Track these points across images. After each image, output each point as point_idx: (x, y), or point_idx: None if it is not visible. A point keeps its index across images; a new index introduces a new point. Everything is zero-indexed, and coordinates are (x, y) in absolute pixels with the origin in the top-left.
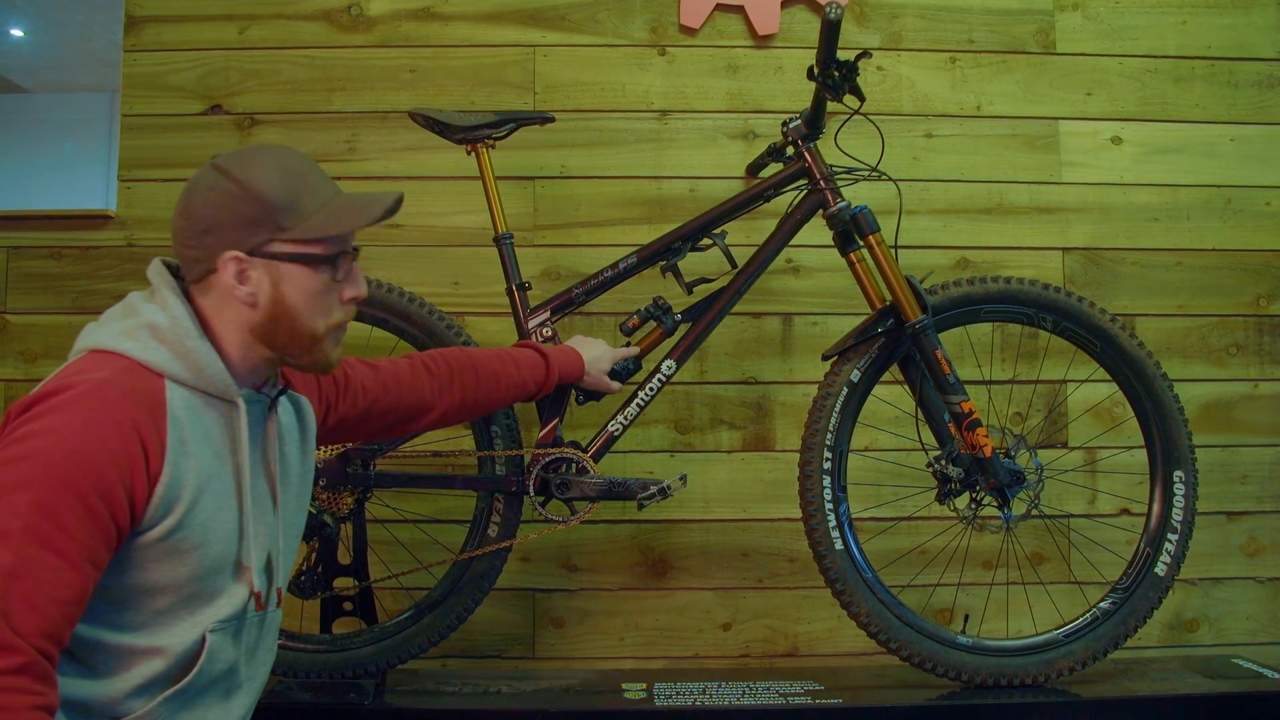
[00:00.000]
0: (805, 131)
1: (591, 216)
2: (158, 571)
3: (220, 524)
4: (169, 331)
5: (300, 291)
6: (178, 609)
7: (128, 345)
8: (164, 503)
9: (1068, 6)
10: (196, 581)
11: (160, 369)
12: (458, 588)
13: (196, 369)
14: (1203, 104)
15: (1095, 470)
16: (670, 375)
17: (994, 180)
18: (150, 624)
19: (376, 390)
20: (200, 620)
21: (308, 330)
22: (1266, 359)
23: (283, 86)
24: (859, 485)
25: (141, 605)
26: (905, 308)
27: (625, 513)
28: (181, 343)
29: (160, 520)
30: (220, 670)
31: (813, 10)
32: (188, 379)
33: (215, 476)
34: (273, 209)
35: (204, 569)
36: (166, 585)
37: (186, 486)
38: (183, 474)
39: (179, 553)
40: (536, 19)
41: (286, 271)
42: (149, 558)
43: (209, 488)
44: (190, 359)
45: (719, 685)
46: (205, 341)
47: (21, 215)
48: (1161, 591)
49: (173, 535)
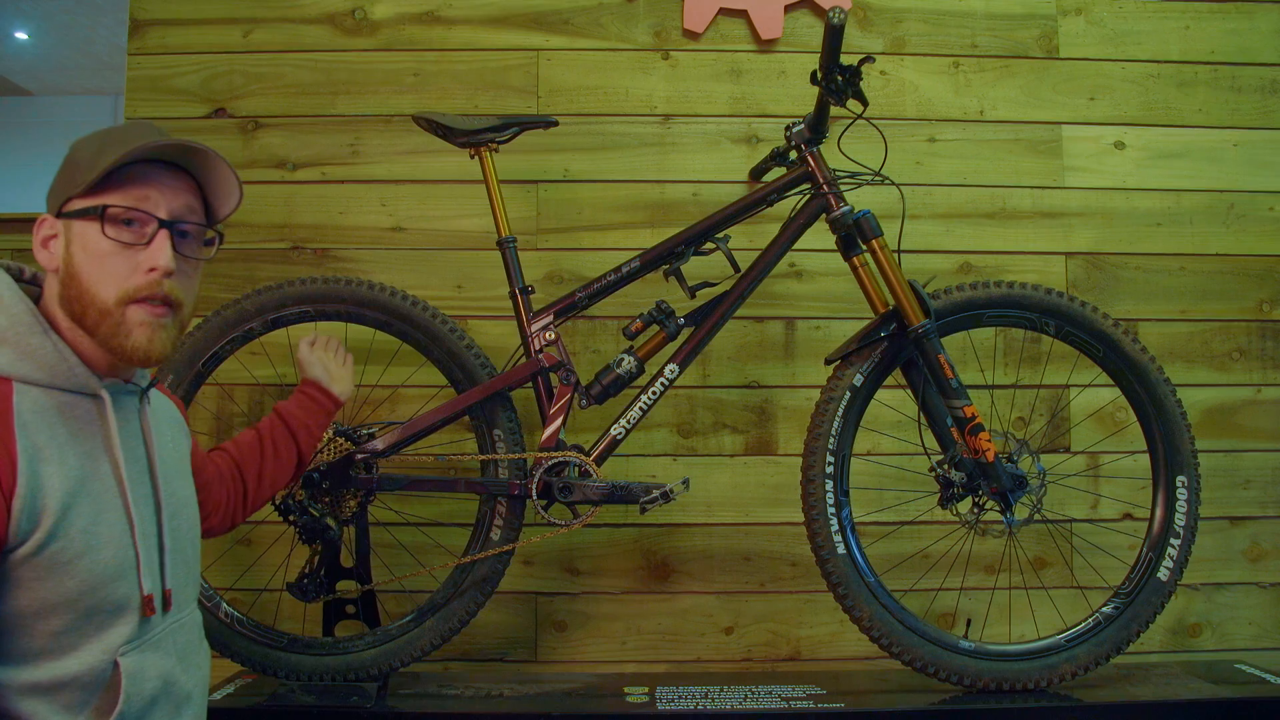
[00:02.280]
0: (808, 136)
1: (595, 220)
2: (42, 590)
3: (106, 527)
4: (9, 331)
5: (85, 252)
6: (80, 626)
7: None
8: (27, 516)
9: (1071, 11)
10: (91, 594)
11: (4, 372)
12: (460, 591)
13: (46, 366)
14: (1206, 109)
15: (1098, 475)
16: (673, 379)
17: (997, 185)
18: (49, 650)
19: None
20: (107, 642)
21: (97, 299)
22: (1269, 364)
23: (286, 90)
24: (861, 490)
25: (32, 629)
26: (908, 312)
27: (628, 516)
28: (24, 340)
29: (29, 535)
30: (154, 689)
31: (816, 15)
32: (39, 378)
33: (89, 478)
34: (76, 167)
35: (95, 579)
36: (56, 603)
37: (50, 494)
38: (42, 481)
39: (60, 565)
40: (540, 23)
41: (78, 230)
42: (28, 576)
43: (84, 490)
44: (37, 356)
45: (721, 689)
46: (52, 336)
47: (25, 218)
48: (1164, 596)
49: (48, 548)
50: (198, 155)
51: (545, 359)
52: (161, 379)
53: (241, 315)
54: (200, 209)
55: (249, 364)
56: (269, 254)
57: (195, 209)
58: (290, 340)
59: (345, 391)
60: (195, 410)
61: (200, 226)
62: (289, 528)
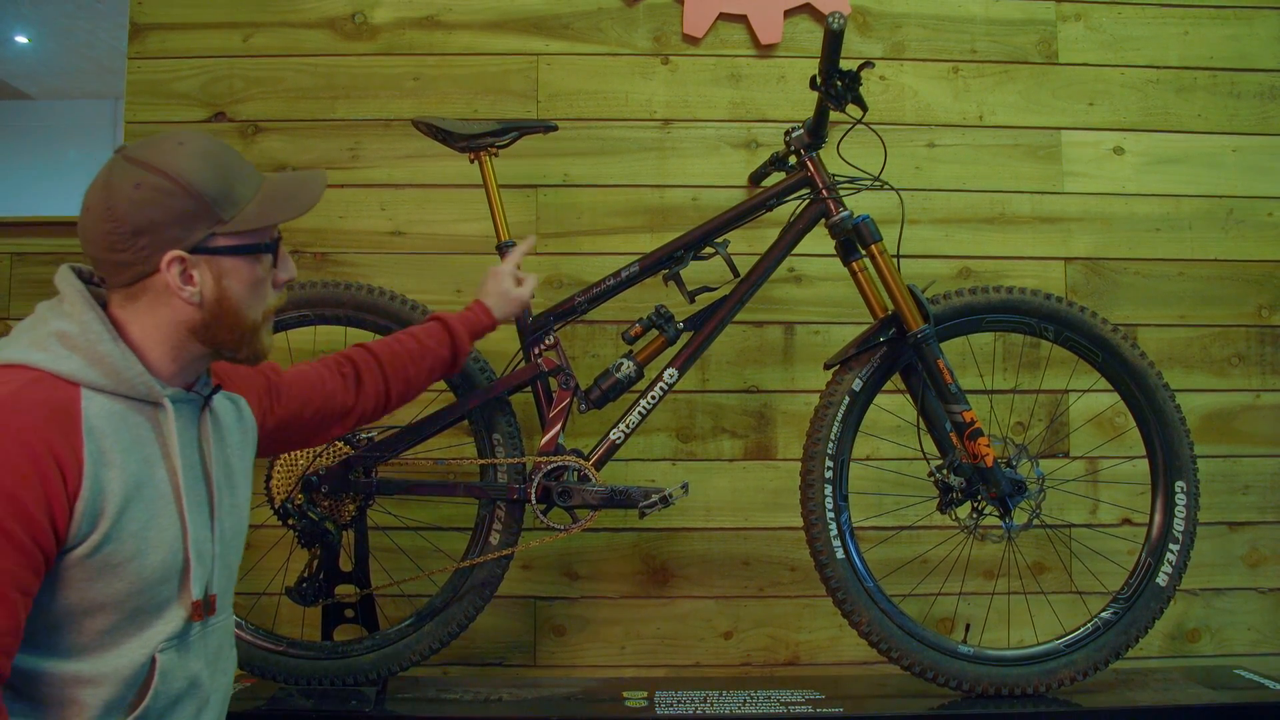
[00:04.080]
0: (808, 141)
1: (594, 225)
2: (92, 589)
3: (156, 533)
4: (80, 338)
5: (243, 284)
6: (123, 627)
7: (37, 356)
8: (87, 518)
9: (1070, 17)
10: (137, 596)
11: (74, 377)
12: (459, 595)
13: (113, 373)
14: (1205, 114)
15: (1097, 480)
16: (672, 384)
17: (996, 190)
18: (94, 648)
19: (305, 392)
20: (147, 639)
21: (249, 322)
22: (1268, 369)
23: (286, 94)
24: (860, 494)
25: (79, 627)
26: (907, 317)
27: (627, 521)
28: (94, 348)
29: (86, 536)
30: (179, 689)
31: (816, 20)
32: (105, 385)
33: (145, 485)
34: (210, 202)
35: (143, 582)
36: (104, 603)
37: (110, 498)
38: (104, 486)
39: (111, 567)
40: (540, 28)
41: (229, 266)
42: (80, 576)
43: (139, 496)
44: (105, 364)
45: (720, 694)
46: (120, 344)
47: (25, 222)
48: (1163, 602)
49: (101, 550)
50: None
51: (544, 363)
52: None
53: None
54: None
55: None
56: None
57: None
58: (290, 344)
59: (503, 315)
60: None
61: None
62: (288, 532)
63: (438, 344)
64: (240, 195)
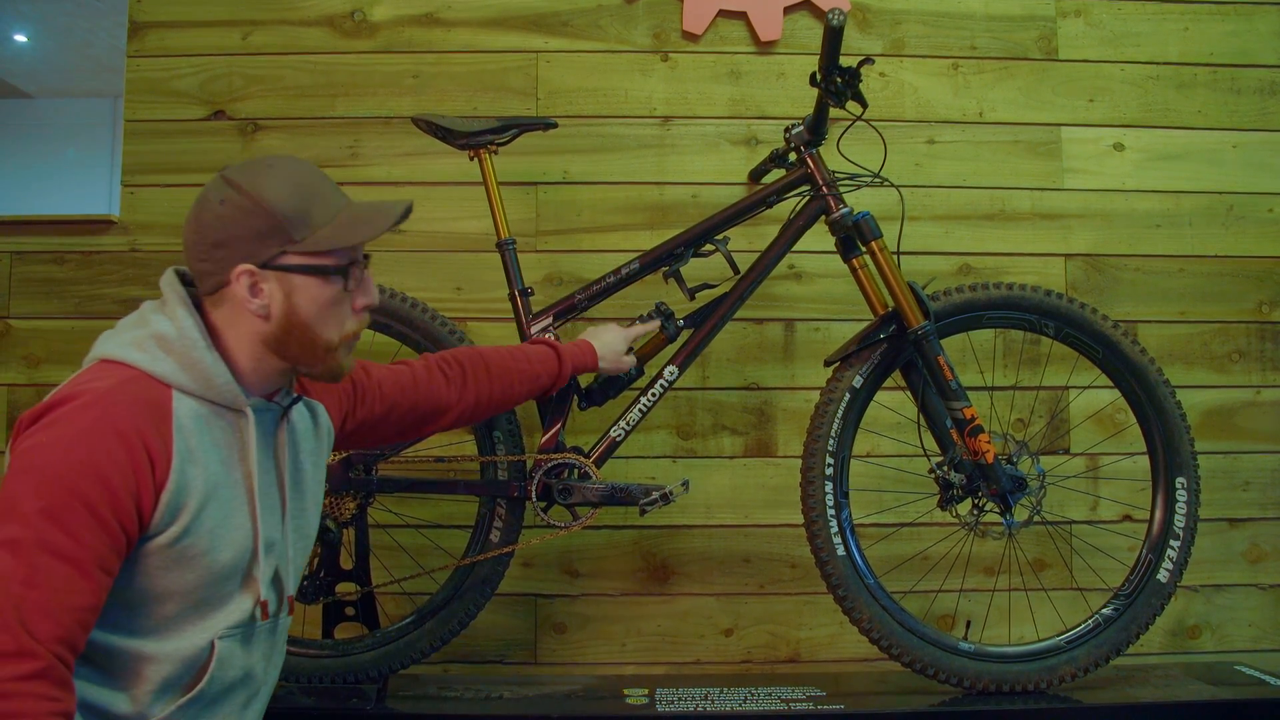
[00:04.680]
0: (808, 137)
1: (594, 222)
2: (165, 578)
3: (229, 531)
4: (177, 342)
5: (313, 303)
6: (188, 614)
7: (136, 356)
8: (170, 509)
9: (1070, 13)
10: (205, 588)
11: (167, 379)
12: (460, 593)
13: (204, 380)
14: (1205, 110)
15: (1097, 476)
16: (673, 381)
17: (996, 186)
18: (160, 630)
19: (395, 394)
20: (209, 626)
21: (321, 341)
22: (1269, 365)
23: (286, 92)
24: (861, 491)
25: (150, 611)
26: (908, 314)
27: (627, 518)
28: (189, 354)
29: (167, 527)
30: (234, 677)
31: (815, 16)
32: (195, 389)
33: (223, 485)
34: (284, 222)
35: (212, 576)
36: (175, 591)
37: (192, 494)
38: (188, 481)
39: (186, 559)
40: (539, 25)
41: (299, 283)
42: (156, 564)
43: (216, 495)
44: (197, 370)
45: (721, 691)
46: (213, 352)
47: (24, 220)
48: (1164, 598)
49: (180, 542)
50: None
51: None
52: None
53: None
54: None
55: None
56: None
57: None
58: None
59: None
60: None
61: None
62: None
63: (545, 369)
64: (317, 218)
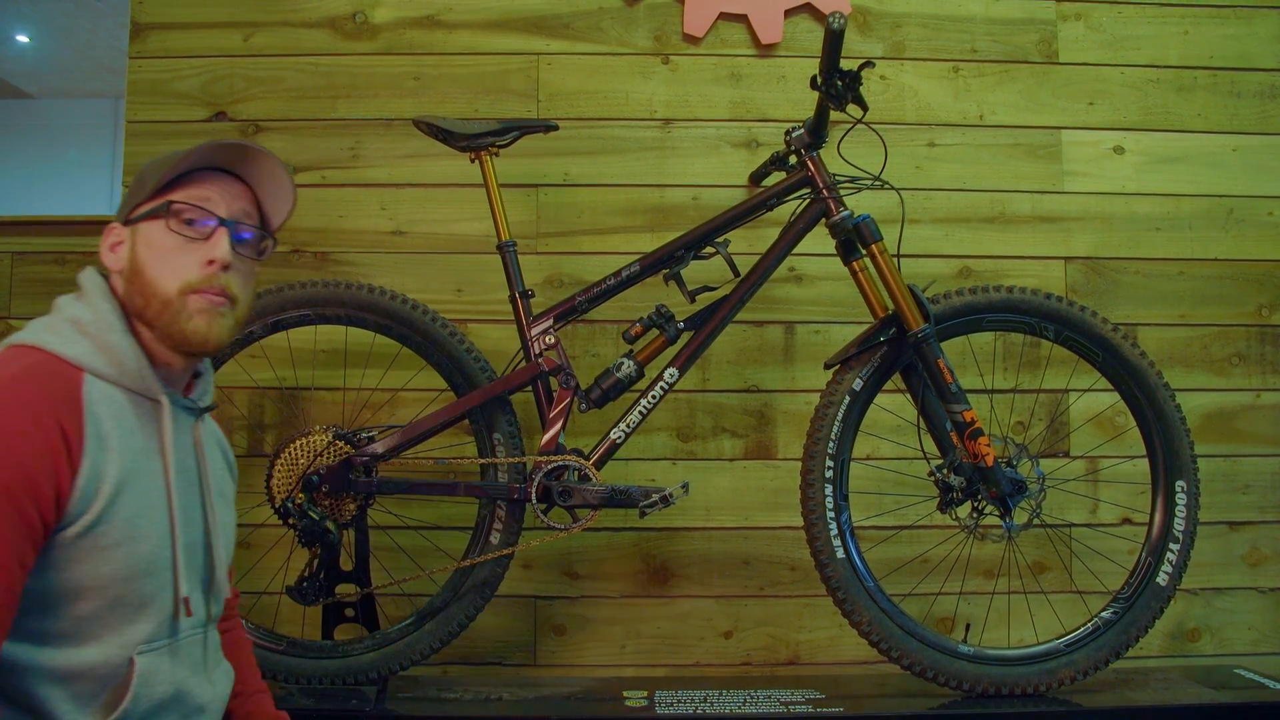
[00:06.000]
0: (808, 140)
1: (594, 224)
2: (79, 570)
3: (148, 523)
4: (92, 325)
5: (149, 248)
6: (104, 616)
7: (47, 338)
8: (84, 496)
9: (1070, 16)
10: (123, 584)
11: (79, 362)
12: (459, 594)
13: (118, 363)
14: (1205, 114)
15: (1097, 480)
16: (673, 383)
17: (996, 189)
18: (74, 636)
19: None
20: (129, 634)
21: (159, 291)
22: (1269, 369)
23: (287, 94)
24: (861, 494)
25: (63, 610)
26: (908, 317)
27: (627, 520)
28: (103, 336)
29: (81, 514)
30: (164, 694)
31: (816, 19)
32: (109, 373)
33: (141, 474)
34: (144, 179)
35: (130, 570)
36: (89, 586)
37: (106, 480)
38: (101, 467)
39: (100, 549)
40: (540, 27)
41: (143, 231)
42: (70, 556)
43: (133, 484)
44: (111, 353)
45: (720, 693)
46: (129, 336)
47: (26, 221)
48: (1163, 601)
49: (93, 530)
50: (255, 162)
51: (545, 363)
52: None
53: None
54: (257, 217)
55: (249, 367)
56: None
57: (252, 215)
58: (290, 343)
59: None
60: None
61: (257, 231)
62: (288, 531)
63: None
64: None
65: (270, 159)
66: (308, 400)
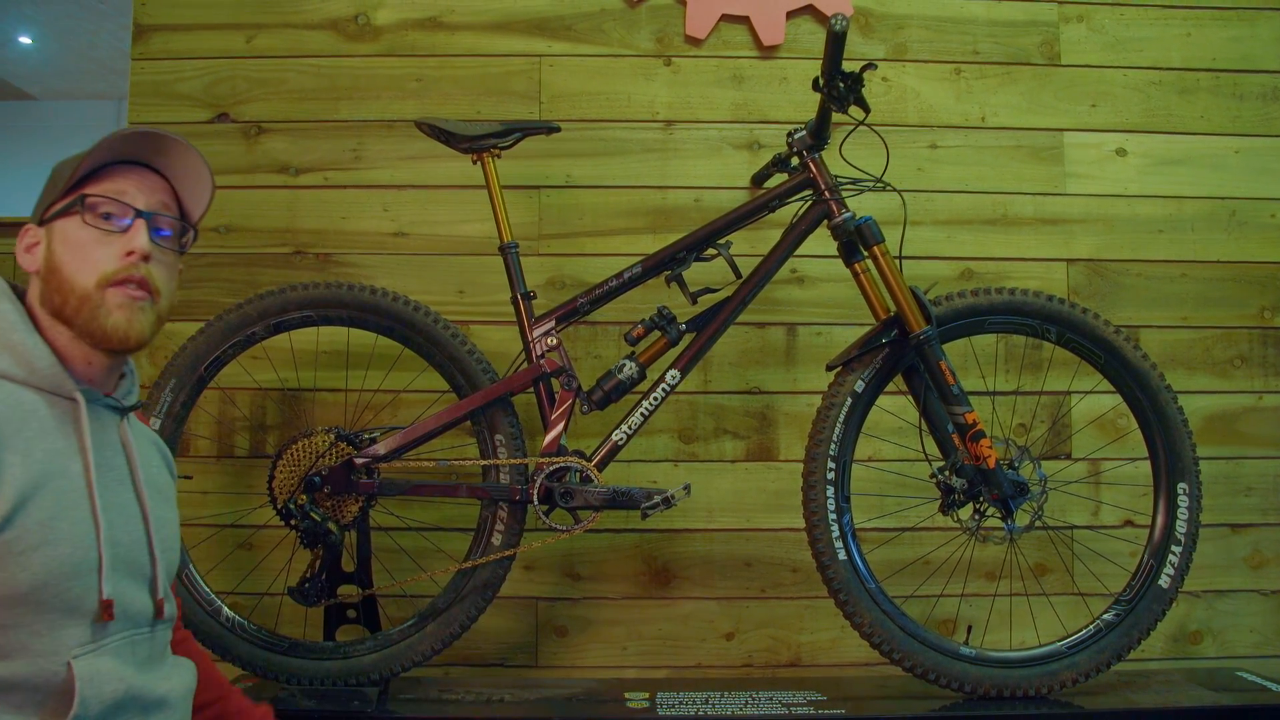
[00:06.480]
0: (810, 142)
1: (596, 226)
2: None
3: (67, 524)
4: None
5: (65, 244)
6: (31, 624)
7: None
8: None
9: (1072, 18)
10: (45, 589)
11: None
12: (461, 596)
13: (25, 363)
14: (1208, 116)
15: (1099, 482)
16: (674, 385)
17: (998, 191)
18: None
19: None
20: (58, 644)
21: (77, 286)
22: (1271, 371)
23: (289, 95)
24: (862, 496)
25: None
26: (910, 319)
27: (629, 522)
28: (7, 337)
29: None
30: (115, 694)
31: (818, 21)
32: (16, 374)
33: (57, 476)
34: (58, 178)
35: (51, 573)
36: (7, 594)
37: (12, 483)
38: (4, 470)
39: (13, 555)
40: (543, 29)
41: (59, 229)
42: None
43: (48, 486)
44: (16, 352)
45: (722, 695)
46: (35, 335)
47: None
48: (1165, 604)
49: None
50: (171, 154)
51: (547, 364)
52: (164, 384)
53: (244, 320)
54: (175, 209)
55: (251, 368)
56: (271, 259)
57: (170, 207)
58: (293, 345)
59: None
60: (197, 414)
61: (176, 223)
62: (290, 532)
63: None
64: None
65: (187, 149)
66: (310, 401)
